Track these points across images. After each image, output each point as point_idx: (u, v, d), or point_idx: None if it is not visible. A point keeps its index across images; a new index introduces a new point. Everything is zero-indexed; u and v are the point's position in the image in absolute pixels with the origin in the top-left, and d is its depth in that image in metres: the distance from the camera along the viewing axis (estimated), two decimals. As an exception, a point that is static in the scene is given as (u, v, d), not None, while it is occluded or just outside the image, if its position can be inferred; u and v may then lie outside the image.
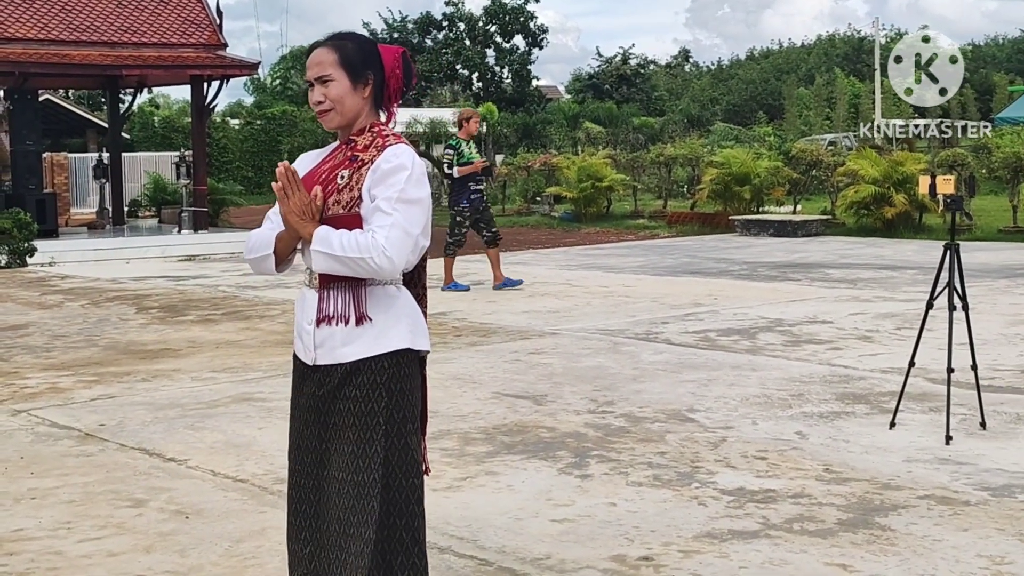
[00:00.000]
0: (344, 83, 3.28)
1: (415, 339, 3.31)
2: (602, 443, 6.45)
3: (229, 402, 7.65)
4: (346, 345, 3.24)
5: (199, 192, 23.07)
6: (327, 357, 3.27)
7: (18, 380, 8.55)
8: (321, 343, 3.27)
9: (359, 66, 3.30)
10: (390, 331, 3.25)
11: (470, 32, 57.63)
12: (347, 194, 3.24)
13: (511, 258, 18.40)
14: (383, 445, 3.21)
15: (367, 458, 3.20)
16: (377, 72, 3.33)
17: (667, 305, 12.05)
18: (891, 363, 8.54)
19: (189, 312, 12.20)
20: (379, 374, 3.23)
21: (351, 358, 3.23)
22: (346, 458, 3.23)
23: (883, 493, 5.45)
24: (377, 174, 3.22)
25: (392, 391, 3.24)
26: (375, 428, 3.21)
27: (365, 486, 3.20)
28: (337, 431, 3.25)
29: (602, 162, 26.95)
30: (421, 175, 3.25)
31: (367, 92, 3.31)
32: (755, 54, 66.56)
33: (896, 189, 20.80)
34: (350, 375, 3.23)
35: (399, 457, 3.23)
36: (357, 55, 3.31)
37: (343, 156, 3.32)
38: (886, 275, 14.63)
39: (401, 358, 3.26)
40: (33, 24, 21.65)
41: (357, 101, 3.30)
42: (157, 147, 38.11)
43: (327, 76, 3.28)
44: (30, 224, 18.84)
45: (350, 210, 3.22)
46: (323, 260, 3.16)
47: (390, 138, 3.31)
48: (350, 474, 3.21)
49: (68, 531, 5.07)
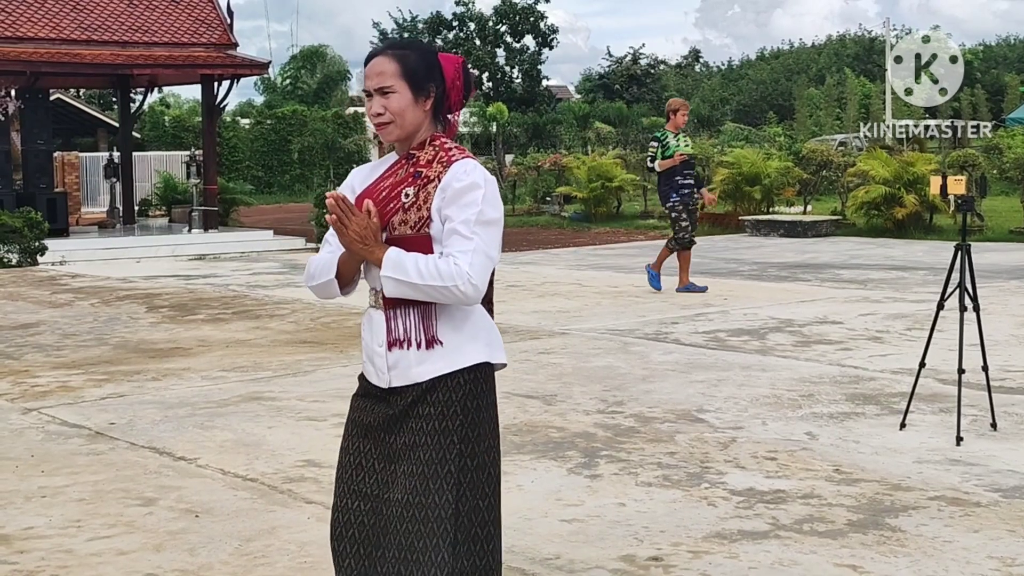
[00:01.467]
0: (406, 95, 3.10)
1: (492, 352, 3.15)
2: (612, 443, 6.45)
3: (239, 401, 7.66)
4: (422, 364, 3.08)
5: (209, 191, 23.12)
6: (401, 379, 3.10)
7: (29, 378, 8.57)
8: (395, 364, 3.10)
9: (421, 78, 3.12)
10: (466, 346, 3.09)
11: (480, 32, 57.61)
12: (415, 214, 3.06)
13: (521, 257, 18.42)
14: (456, 465, 3.05)
15: (439, 479, 3.03)
16: (439, 84, 3.15)
17: (677, 305, 12.03)
18: (901, 364, 8.52)
19: (199, 311, 12.22)
20: (455, 391, 3.07)
21: (428, 376, 3.07)
22: (415, 479, 3.04)
23: (893, 494, 5.44)
24: (448, 192, 3.05)
25: (468, 408, 3.08)
26: (449, 447, 3.05)
27: (436, 508, 3.02)
28: (407, 451, 3.07)
29: (612, 162, 26.94)
30: (495, 193, 3.07)
31: (428, 105, 3.14)
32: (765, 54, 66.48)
33: (907, 190, 20.75)
34: (426, 393, 3.07)
35: (472, 478, 3.07)
36: (420, 66, 3.13)
37: (405, 172, 3.14)
38: (896, 276, 14.60)
39: (479, 373, 3.11)
40: (45, 23, 21.71)
41: (418, 114, 3.13)
42: (167, 146, 38.15)
43: (388, 88, 3.10)
44: (41, 223, 18.88)
45: (419, 231, 3.05)
46: (395, 286, 2.99)
47: (454, 152, 3.13)
48: (418, 496, 3.03)
49: (78, 529, 5.08)
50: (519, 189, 30.95)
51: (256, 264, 18.29)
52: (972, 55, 57.03)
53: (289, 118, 42.81)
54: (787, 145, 30.13)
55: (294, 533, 4.90)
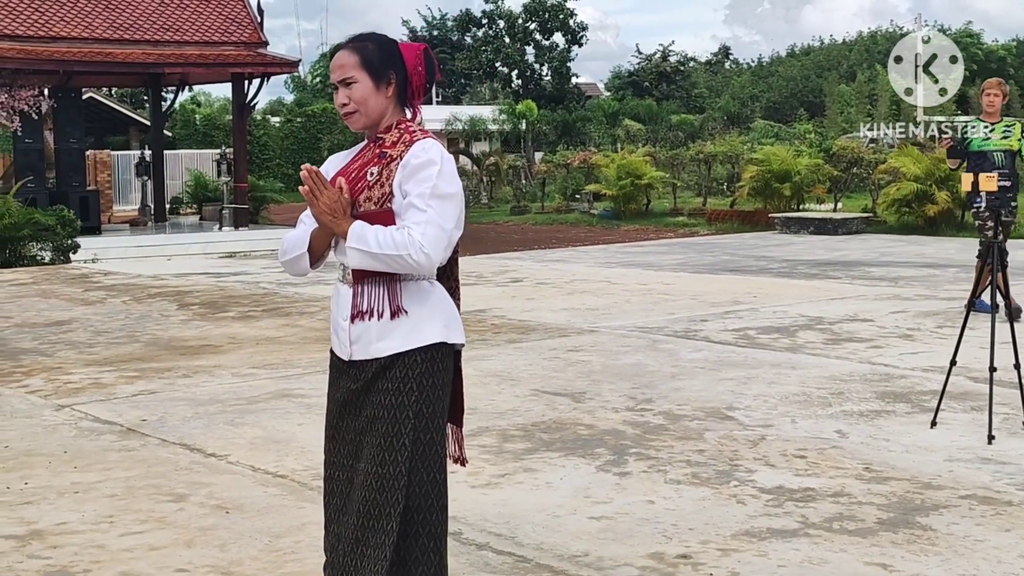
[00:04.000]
0: (367, 84, 3.32)
1: (450, 333, 3.33)
2: (640, 441, 6.44)
3: (269, 398, 7.69)
4: (381, 340, 3.27)
5: (240, 189, 23.24)
6: (363, 352, 3.30)
7: (62, 375, 8.64)
8: (357, 339, 3.30)
9: (380, 66, 3.33)
10: (424, 325, 3.28)
11: (510, 30, 57.61)
12: (378, 190, 3.27)
13: (550, 255, 18.42)
14: (411, 439, 3.25)
15: (394, 451, 3.25)
16: (399, 70, 3.36)
17: (706, 303, 12.01)
18: (932, 362, 8.47)
19: (230, 308, 12.28)
20: (412, 368, 3.26)
21: (386, 352, 3.27)
22: (375, 450, 3.27)
23: (924, 493, 5.41)
24: (407, 169, 3.25)
25: (423, 385, 3.27)
26: (404, 421, 3.25)
27: (390, 479, 3.24)
28: (370, 424, 3.29)
29: (641, 160, 26.90)
30: (451, 169, 3.27)
31: (390, 91, 3.35)
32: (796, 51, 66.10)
33: (938, 187, 20.64)
34: (384, 369, 3.27)
35: (424, 452, 3.27)
36: (378, 56, 3.34)
37: (372, 154, 3.36)
38: (927, 273, 14.51)
39: (436, 352, 3.30)
40: (77, 23, 21.87)
41: (381, 101, 3.33)
42: (198, 145, 38.38)
43: (350, 78, 3.32)
44: (73, 221, 19.02)
45: (382, 206, 3.25)
46: (359, 256, 3.20)
47: (417, 133, 3.35)
48: (376, 466, 3.25)
49: (110, 525, 5.12)
50: (548, 187, 30.94)
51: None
52: (1005, 51, 56.53)
53: (319, 116, 42.96)
54: (817, 142, 29.99)
55: (323, 529, 4.90)
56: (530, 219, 27.47)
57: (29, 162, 21.74)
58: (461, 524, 4.98)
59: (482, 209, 30.38)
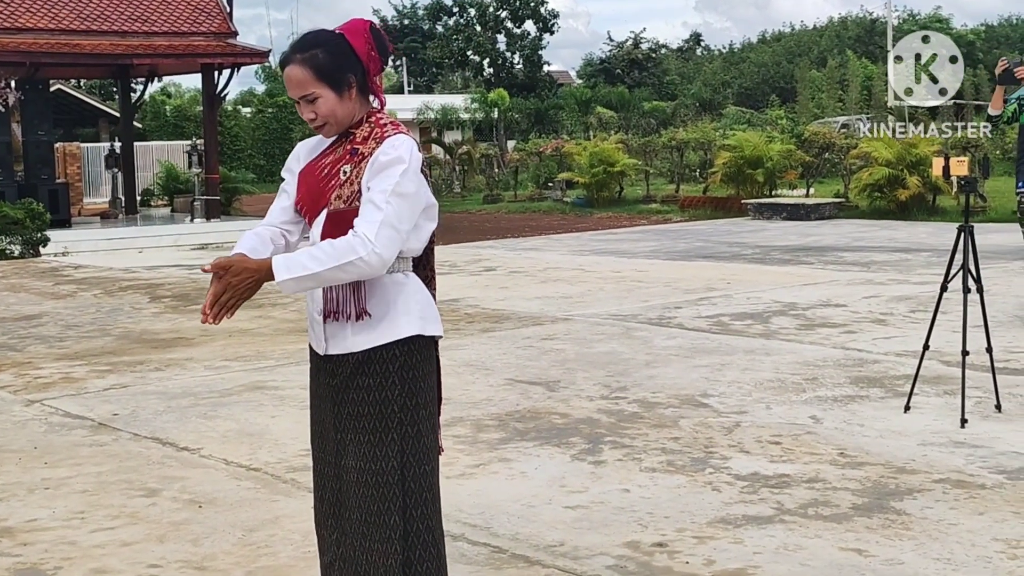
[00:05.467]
0: (329, 96, 3.19)
1: (426, 325, 3.28)
2: (615, 429, 6.43)
3: (242, 391, 7.65)
4: (357, 334, 3.22)
5: (211, 180, 23.09)
6: (338, 347, 3.25)
7: (32, 370, 8.57)
8: (332, 334, 3.26)
9: (337, 73, 3.18)
10: (400, 319, 3.23)
11: (480, 18, 57.49)
12: (348, 188, 3.20)
13: (523, 243, 18.40)
14: (399, 433, 3.22)
15: (384, 446, 3.21)
16: (356, 68, 3.22)
17: (680, 290, 12.02)
18: (905, 346, 8.50)
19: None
20: (391, 362, 3.22)
21: (362, 347, 3.22)
22: (363, 447, 3.22)
23: (898, 477, 5.42)
24: (375, 166, 3.17)
25: (405, 379, 3.23)
26: (390, 417, 3.21)
27: (384, 474, 3.21)
28: (352, 420, 3.24)
29: (614, 147, 26.88)
30: (416, 169, 3.18)
31: (353, 94, 3.22)
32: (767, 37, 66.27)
33: (910, 171, 20.72)
34: (362, 364, 3.22)
35: (413, 445, 3.24)
36: (331, 62, 3.18)
37: (343, 150, 3.27)
38: (900, 258, 14.57)
39: (413, 345, 3.25)
40: (44, 14, 21.66)
41: (347, 106, 3.22)
42: (169, 136, 38.15)
43: (310, 95, 3.19)
44: (43, 214, 18.87)
45: (351, 204, 3.18)
46: (296, 284, 3.07)
47: (388, 127, 3.25)
48: (368, 463, 3.21)
49: (82, 521, 5.07)
50: (521, 175, 30.90)
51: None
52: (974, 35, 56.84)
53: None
54: (789, 128, 30.06)
55: (297, 523, 4.88)
56: (503, 208, 27.44)
57: (-3, 155, 21.52)
58: (436, 515, 4.95)
59: (455, 198, 30.32)
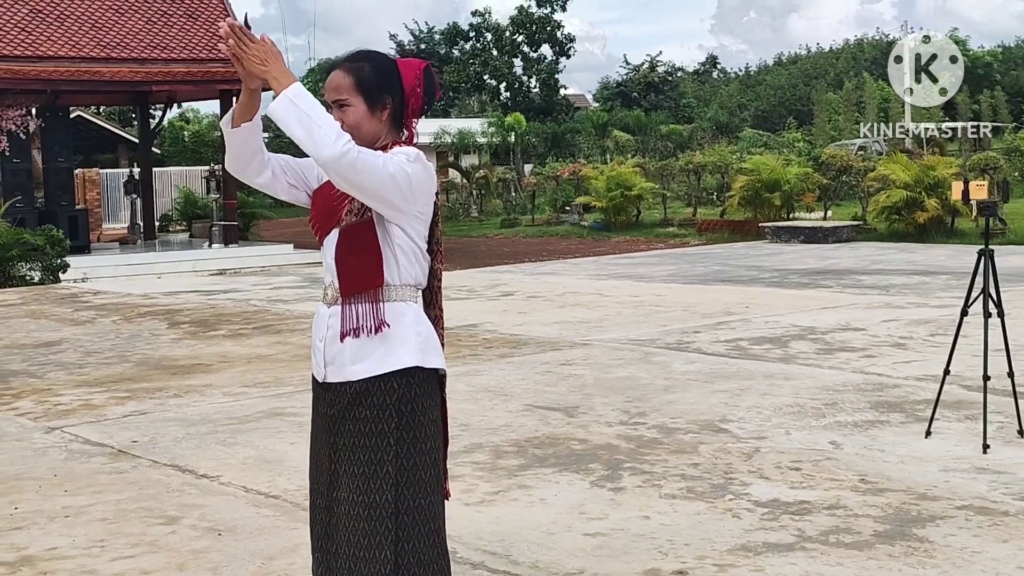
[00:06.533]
0: (360, 108, 3.22)
1: (426, 357, 3.25)
2: (635, 455, 6.41)
3: (261, 417, 7.65)
4: (355, 363, 3.22)
5: (229, 206, 23.18)
6: (336, 375, 3.26)
7: (52, 397, 8.59)
8: (331, 360, 3.27)
9: (376, 90, 3.23)
10: (398, 349, 3.21)
11: (497, 42, 57.69)
12: (358, 201, 3.19)
13: (541, 268, 18.40)
14: (394, 466, 3.18)
15: (378, 479, 3.18)
16: (396, 94, 3.26)
17: (698, 314, 11.99)
18: (926, 370, 8.46)
19: (220, 327, 12.23)
20: (389, 394, 3.20)
21: (360, 376, 3.21)
22: (357, 479, 3.20)
23: (920, 504, 5.39)
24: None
25: (403, 411, 3.20)
26: (386, 449, 3.19)
27: (377, 507, 3.17)
28: (347, 452, 3.23)
29: (631, 171, 26.92)
30: (420, 163, 3.17)
31: (385, 116, 3.26)
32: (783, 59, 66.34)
33: (928, 193, 20.69)
34: (360, 395, 3.21)
35: (409, 478, 3.20)
36: (374, 78, 3.23)
37: None
38: (919, 281, 14.51)
39: (411, 377, 3.22)
40: (64, 42, 21.83)
41: (375, 125, 3.24)
42: (187, 162, 38.32)
43: (343, 100, 3.22)
44: (63, 240, 18.97)
45: (362, 216, 3.20)
46: (287, 105, 3.02)
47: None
48: (361, 495, 3.19)
49: (102, 549, 5.07)
50: (538, 199, 30.95)
51: (276, 278, 18.32)
52: (991, 57, 56.76)
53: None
54: (806, 150, 30.04)
55: (317, 551, 4.86)
56: (520, 232, 27.46)
57: (17, 182, 21.67)
58: (456, 543, 4.93)
59: (472, 222, 30.36)
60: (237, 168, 3.38)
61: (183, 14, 23.59)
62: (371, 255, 3.22)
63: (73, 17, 22.38)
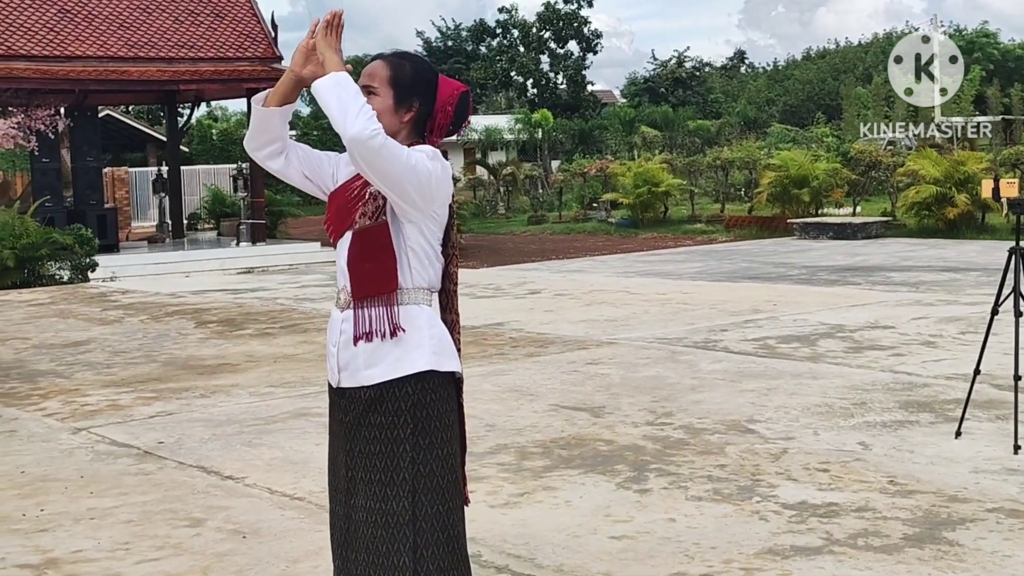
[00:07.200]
0: (387, 101, 3.25)
1: (440, 360, 3.23)
2: (661, 456, 6.37)
3: (287, 417, 7.65)
4: (369, 368, 3.20)
5: (257, 204, 23.23)
6: (350, 380, 3.24)
7: (79, 397, 8.62)
8: (345, 365, 3.25)
9: (406, 89, 3.27)
10: (412, 353, 3.20)
11: (524, 39, 57.65)
12: (372, 204, 3.22)
13: (568, 265, 18.36)
14: (410, 473, 3.16)
15: (394, 486, 3.16)
16: (426, 102, 3.29)
17: (726, 312, 11.92)
18: (956, 369, 8.37)
19: (247, 326, 12.25)
20: (403, 400, 3.18)
21: (374, 381, 3.19)
22: (373, 486, 3.18)
23: (950, 506, 5.32)
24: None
25: (417, 417, 3.18)
26: (401, 456, 3.17)
27: (395, 515, 3.16)
28: (363, 459, 3.21)
29: (658, 167, 26.81)
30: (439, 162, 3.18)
31: (407, 117, 3.28)
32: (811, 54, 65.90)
33: (958, 189, 20.50)
34: (374, 402, 3.19)
35: (425, 485, 3.18)
36: (408, 78, 3.27)
37: None
38: (949, 277, 14.39)
39: (426, 382, 3.20)
40: (92, 42, 21.92)
41: (395, 122, 3.24)
42: (216, 160, 38.43)
43: (373, 88, 3.25)
44: (91, 240, 19.05)
45: (376, 219, 3.20)
46: (333, 87, 3.08)
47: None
48: (378, 502, 3.17)
49: (126, 552, 5.07)
50: (566, 196, 30.89)
51: (304, 276, 18.35)
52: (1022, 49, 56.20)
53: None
54: (835, 146, 29.84)
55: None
56: (547, 228, 27.41)
57: (47, 181, 21.78)
58: (480, 546, 4.92)
59: (499, 219, 30.33)
60: (253, 147, 3.43)
61: (210, 13, 23.65)
62: (385, 258, 3.21)
63: (101, 17, 22.48)
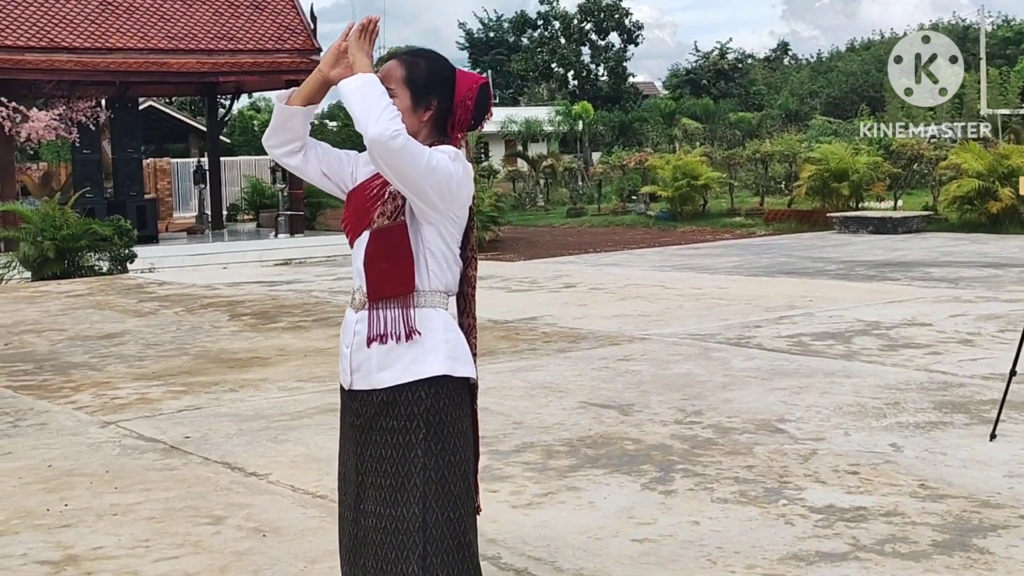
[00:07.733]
0: (404, 101, 3.20)
1: (455, 365, 3.18)
2: (688, 456, 6.29)
3: (314, 413, 7.63)
4: (382, 370, 3.16)
5: (296, 196, 23.32)
6: (363, 382, 3.19)
7: (109, 390, 8.64)
8: (357, 367, 3.20)
9: (423, 88, 3.23)
10: (426, 356, 3.15)
11: (565, 30, 57.53)
12: (391, 204, 3.18)
13: (605, 259, 18.27)
14: (421, 479, 3.11)
15: (405, 492, 3.12)
16: (444, 99, 3.25)
17: (761, 307, 11.81)
18: (993, 368, 8.23)
19: (280, 319, 12.26)
20: (416, 404, 3.13)
21: (387, 384, 3.15)
22: (383, 492, 3.14)
23: (982, 512, 5.21)
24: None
25: (430, 422, 3.13)
26: (413, 461, 3.12)
27: (404, 521, 3.11)
28: (373, 464, 3.17)
29: (697, 160, 26.67)
30: (461, 163, 3.15)
31: (426, 116, 3.24)
32: (855, 45, 65.30)
33: (1001, 183, 20.24)
34: (387, 406, 3.14)
35: (437, 491, 3.13)
36: (424, 77, 3.23)
37: None
38: (990, 273, 14.19)
39: (440, 386, 3.15)
40: (133, 34, 22.05)
41: (414, 122, 3.20)
42: (258, 151, 38.59)
43: (389, 89, 3.19)
44: (130, 231, 19.17)
45: (395, 219, 3.16)
46: (359, 87, 3.07)
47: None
48: (388, 508, 3.13)
49: (146, 549, 5.06)
50: (605, 188, 30.80)
51: (340, 268, 18.36)
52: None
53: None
54: (878, 139, 29.55)
55: (360, 554, 4.81)
56: (586, 221, 27.33)
57: (87, 172, 21.97)
58: (500, 547, 4.87)
59: (538, 211, 30.28)
60: (271, 144, 3.41)
61: (250, 5, 23.74)
62: (402, 260, 3.16)
63: (142, 9, 22.61)
